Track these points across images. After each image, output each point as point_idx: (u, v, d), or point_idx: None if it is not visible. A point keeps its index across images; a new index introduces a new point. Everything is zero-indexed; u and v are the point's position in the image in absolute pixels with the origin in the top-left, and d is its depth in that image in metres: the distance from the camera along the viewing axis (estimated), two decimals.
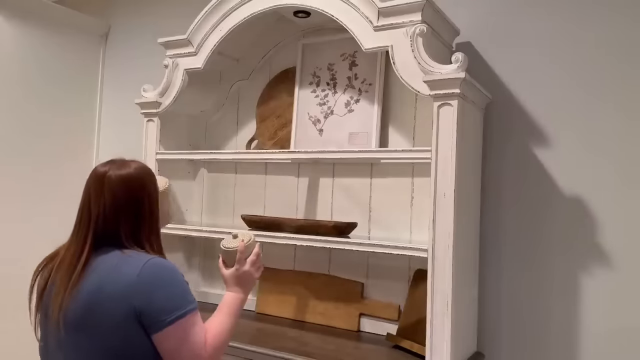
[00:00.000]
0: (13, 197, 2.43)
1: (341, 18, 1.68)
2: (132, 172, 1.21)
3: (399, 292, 1.84)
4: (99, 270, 1.15)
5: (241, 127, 2.26)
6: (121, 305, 1.10)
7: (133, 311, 1.10)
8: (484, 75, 1.80)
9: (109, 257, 1.16)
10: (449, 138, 1.46)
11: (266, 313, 2.07)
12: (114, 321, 1.10)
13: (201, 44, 1.96)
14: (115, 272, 1.13)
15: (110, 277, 1.12)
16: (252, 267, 1.34)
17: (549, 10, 1.74)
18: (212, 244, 2.26)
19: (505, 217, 1.78)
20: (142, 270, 1.12)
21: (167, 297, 1.13)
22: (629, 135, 1.61)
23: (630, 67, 1.62)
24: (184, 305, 1.14)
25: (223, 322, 1.25)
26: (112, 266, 1.14)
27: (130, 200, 1.19)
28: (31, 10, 2.48)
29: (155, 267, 1.14)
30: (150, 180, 1.24)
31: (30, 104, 2.50)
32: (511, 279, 1.76)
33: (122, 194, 1.18)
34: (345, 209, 1.97)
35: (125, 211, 1.18)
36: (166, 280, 1.15)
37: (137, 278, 1.11)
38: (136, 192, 1.20)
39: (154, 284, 1.12)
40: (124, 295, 1.10)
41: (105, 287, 1.12)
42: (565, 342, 1.67)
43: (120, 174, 1.20)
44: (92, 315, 1.11)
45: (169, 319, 1.11)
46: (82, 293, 1.13)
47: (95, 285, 1.13)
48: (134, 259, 1.15)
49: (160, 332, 1.11)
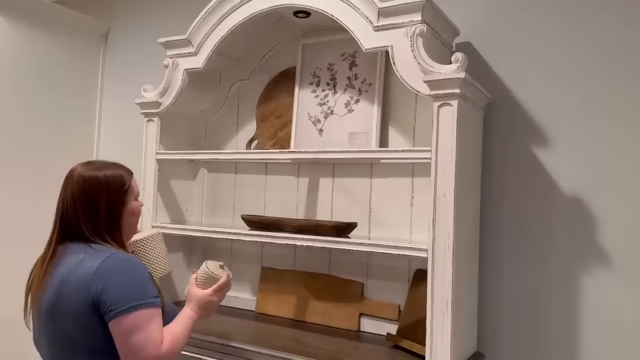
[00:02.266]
0: (13, 197, 2.43)
1: (341, 18, 1.68)
2: (98, 175, 1.30)
3: (399, 292, 1.84)
4: (67, 262, 1.24)
5: (241, 127, 2.26)
6: (81, 295, 1.17)
7: (91, 300, 1.17)
8: (484, 75, 1.80)
9: (76, 250, 1.25)
10: (449, 138, 1.46)
11: (266, 313, 2.07)
12: (76, 311, 1.18)
13: (201, 44, 1.96)
14: (81, 264, 1.21)
15: (76, 269, 1.21)
16: (220, 299, 1.46)
17: (549, 10, 1.74)
18: (212, 244, 2.26)
19: (505, 217, 1.78)
20: (102, 262, 1.19)
21: (123, 288, 1.18)
22: (629, 134, 1.61)
23: (630, 67, 1.62)
24: (140, 298, 1.18)
25: (179, 333, 1.29)
26: (79, 259, 1.22)
27: (87, 200, 1.27)
28: (31, 11, 2.48)
29: (115, 261, 1.21)
30: (114, 186, 1.31)
31: (30, 104, 2.50)
32: (511, 278, 1.76)
33: (79, 193, 1.27)
34: (345, 209, 1.97)
35: (83, 209, 1.27)
36: (123, 272, 1.21)
37: (96, 269, 1.18)
38: (93, 194, 1.28)
39: (111, 275, 1.18)
40: (84, 286, 1.17)
41: (71, 279, 1.20)
42: (565, 342, 1.67)
43: (84, 175, 1.29)
44: (60, 305, 1.20)
45: (121, 308, 1.15)
46: (53, 284, 1.22)
47: (64, 276, 1.21)
48: (98, 252, 1.23)
49: (113, 321, 1.16)
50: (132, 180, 1.37)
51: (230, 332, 1.78)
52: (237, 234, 1.87)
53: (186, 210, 2.25)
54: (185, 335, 1.31)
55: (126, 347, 1.16)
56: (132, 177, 1.39)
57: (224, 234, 1.91)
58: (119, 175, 1.33)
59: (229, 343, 1.69)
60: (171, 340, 1.23)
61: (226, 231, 1.90)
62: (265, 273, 2.13)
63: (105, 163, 1.36)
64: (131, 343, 1.16)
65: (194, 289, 1.44)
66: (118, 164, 1.38)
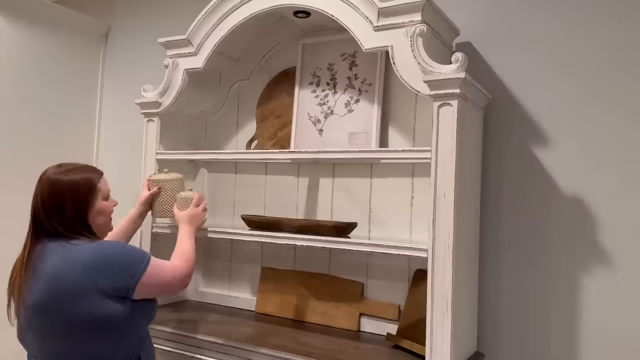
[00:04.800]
0: (12, 197, 2.43)
1: (341, 18, 1.68)
2: (64, 178, 1.37)
3: (399, 292, 1.84)
4: (51, 258, 1.30)
5: (241, 127, 2.26)
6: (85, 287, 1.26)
7: (100, 291, 1.26)
8: (484, 75, 1.80)
9: (56, 245, 1.33)
10: (449, 138, 1.46)
11: (266, 313, 2.07)
12: (79, 301, 1.25)
13: (201, 44, 1.96)
14: (70, 259, 1.29)
15: (66, 265, 1.28)
16: (202, 209, 1.81)
17: (549, 10, 1.74)
18: (212, 244, 2.26)
19: (505, 217, 1.78)
20: (93, 254, 1.30)
21: (122, 267, 1.31)
22: (628, 134, 1.61)
23: (629, 66, 1.62)
24: (138, 263, 1.34)
25: (184, 246, 1.60)
26: (64, 254, 1.30)
27: (54, 202, 1.35)
28: (31, 10, 2.48)
29: (103, 249, 1.33)
30: (79, 189, 1.38)
31: (30, 104, 2.50)
32: (511, 278, 1.76)
33: (47, 196, 1.35)
34: (345, 209, 1.97)
35: (51, 211, 1.35)
36: (116, 255, 1.34)
37: (91, 262, 1.28)
38: (58, 197, 1.35)
39: (108, 262, 1.30)
40: (85, 280, 1.26)
41: (65, 275, 1.27)
42: (565, 342, 1.67)
43: (51, 178, 1.37)
44: (57, 298, 1.26)
45: (132, 284, 1.31)
46: (41, 279, 1.28)
47: (53, 271, 1.28)
48: (82, 246, 1.32)
49: (135, 293, 1.31)
50: (100, 182, 1.43)
51: (230, 332, 1.78)
52: (237, 234, 1.87)
53: None
54: (189, 245, 1.62)
55: (161, 291, 1.42)
56: (102, 177, 1.45)
57: (224, 234, 1.91)
58: (85, 178, 1.40)
59: (229, 343, 1.69)
60: (180, 257, 1.53)
61: (226, 231, 1.90)
62: (265, 273, 2.13)
63: (75, 166, 1.41)
64: (161, 289, 1.41)
65: (178, 212, 1.78)
66: (88, 166, 1.44)
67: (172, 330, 1.80)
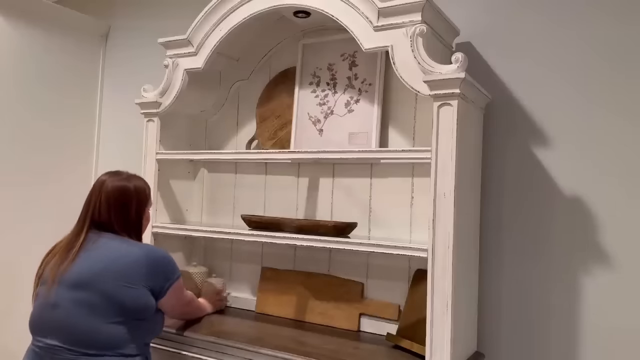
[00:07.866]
0: (12, 196, 2.43)
1: (341, 18, 1.68)
2: (129, 185, 1.62)
3: (399, 292, 1.84)
4: (112, 243, 1.55)
5: (241, 127, 2.26)
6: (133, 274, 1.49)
7: (144, 282, 1.50)
8: (484, 75, 1.80)
9: (114, 236, 1.57)
10: (449, 138, 1.46)
11: (266, 313, 2.07)
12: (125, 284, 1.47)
13: (201, 44, 1.96)
14: (129, 248, 1.53)
15: (125, 251, 1.52)
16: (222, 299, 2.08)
17: (549, 11, 1.74)
18: (212, 244, 2.26)
19: (505, 217, 1.78)
20: (147, 252, 1.54)
21: (166, 273, 1.57)
22: (628, 134, 1.62)
23: (631, 67, 1.62)
24: (175, 272, 1.60)
25: (203, 308, 1.93)
26: (123, 244, 1.55)
27: (121, 205, 1.60)
28: (31, 10, 2.48)
29: (155, 251, 1.59)
30: (140, 195, 1.64)
31: (30, 104, 2.50)
32: (511, 278, 1.76)
33: (115, 200, 1.59)
34: (345, 209, 1.97)
35: (116, 212, 1.59)
36: (164, 259, 1.58)
37: (146, 256, 1.53)
38: (126, 200, 1.60)
39: (157, 262, 1.55)
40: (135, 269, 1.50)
41: (121, 259, 1.50)
42: (566, 342, 1.67)
43: (117, 184, 1.60)
44: (108, 275, 1.47)
45: (166, 286, 1.56)
46: (95, 258, 1.50)
47: (112, 253, 1.51)
48: (136, 243, 1.59)
49: (164, 295, 1.56)
50: (150, 191, 1.69)
51: (230, 332, 1.78)
52: (237, 234, 1.87)
53: (186, 210, 2.25)
54: (203, 311, 1.92)
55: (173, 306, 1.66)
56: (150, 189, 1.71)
57: (224, 234, 1.91)
58: (143, 187, 1.66)
59: (229, 343, 1.69)
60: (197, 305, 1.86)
61: (226, 231, 1.90)
62: (265, 273, 2.13)
63: (130, 174, 1.66)
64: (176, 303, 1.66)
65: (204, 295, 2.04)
66: (139, 176, 1.69)
67: (172, 331, 1.80)
